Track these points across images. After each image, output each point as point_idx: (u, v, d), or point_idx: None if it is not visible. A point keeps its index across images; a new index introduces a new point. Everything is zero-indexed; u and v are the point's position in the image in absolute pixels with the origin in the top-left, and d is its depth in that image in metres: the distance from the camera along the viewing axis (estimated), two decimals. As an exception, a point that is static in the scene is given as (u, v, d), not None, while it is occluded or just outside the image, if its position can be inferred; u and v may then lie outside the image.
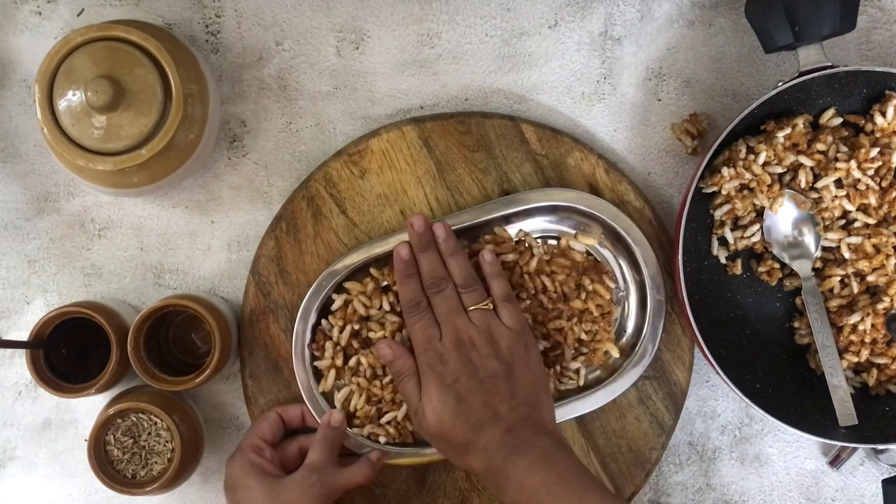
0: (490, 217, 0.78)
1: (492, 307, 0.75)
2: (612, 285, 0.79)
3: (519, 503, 0.66)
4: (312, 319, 0.78)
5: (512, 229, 0.79)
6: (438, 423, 0.71)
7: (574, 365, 0.79)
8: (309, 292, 0.78)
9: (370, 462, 0.76)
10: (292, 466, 0.75)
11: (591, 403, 0.79)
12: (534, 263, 0.78)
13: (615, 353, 0.79)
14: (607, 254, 0.80)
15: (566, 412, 0.79)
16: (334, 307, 0.78)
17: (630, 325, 0.80)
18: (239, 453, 0.75)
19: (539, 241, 0.79)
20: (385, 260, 0.78)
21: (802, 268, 0.78)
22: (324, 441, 0.75)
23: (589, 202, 0.78)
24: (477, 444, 0.69)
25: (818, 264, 0.79)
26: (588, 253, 0.80)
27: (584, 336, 0.78)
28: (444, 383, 0.71)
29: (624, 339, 0.80)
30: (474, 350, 0.72)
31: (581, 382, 0.80)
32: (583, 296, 0.78)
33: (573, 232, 0.79)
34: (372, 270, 0.78)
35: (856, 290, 0.78)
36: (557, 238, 0.79)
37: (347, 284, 0.78)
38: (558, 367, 0.79)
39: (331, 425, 0.76)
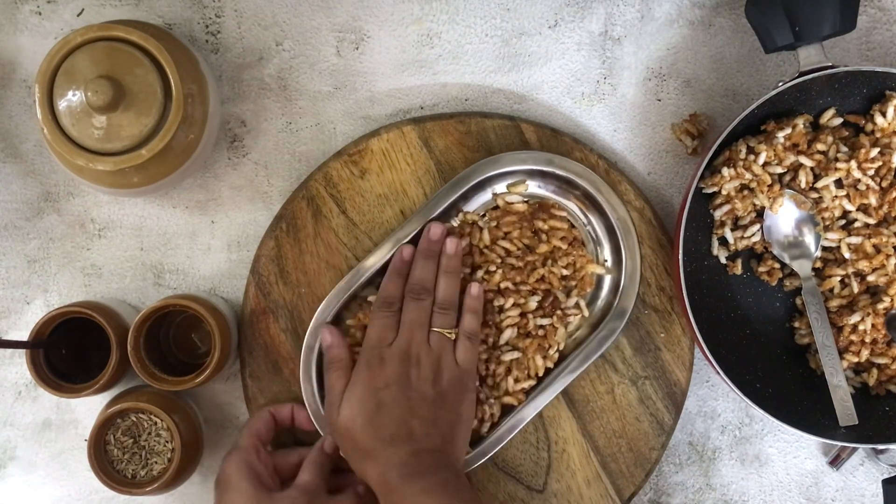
0: (445, 205, 0.78)
1: (453, 337, 0.75)
2: (563, 213, 0.79)
3: None
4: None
5: (471, 206, 0.80)
6: (350, 422, 0.71)
7: (570, 301, 0.79)
8: (316, 314, 0.78)
9: (357, 495, 0.75)
10: (286, 475, 0.75)
11: (589, 354, 0.78)
12: (486, 235, 0.78)
13: (601, 271, 0.80)
14: (558, 198, 0.80)
15: (579, 363, 0.78)
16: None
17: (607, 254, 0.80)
18: (237, 452, 0.74)
19: (479, 214, 0.79)
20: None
21: (802, 268, 0.78)
22: (316, 464, 0.75)
23: (523, 159, 0.78)
24: (379, 456, 0.69)
25: (818, 264, 0.79)
26: (527, 201, 0.79)
27: (565, 272, 0.79)
28: (373, 385, 0.72)
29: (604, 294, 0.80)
30: (416, 368, 0.73)
31: (586, 313, 0.79)
32: (543, 238, 0.79)
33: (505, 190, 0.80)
34: (371, 299, 0.78)
35: (856, 290, 0.78)
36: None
37: (348, 321, 0.79)
38: (559, 312, 0.78)
39: (324, 450, 0.76)
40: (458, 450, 0.73)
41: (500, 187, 0.79)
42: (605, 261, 0.80)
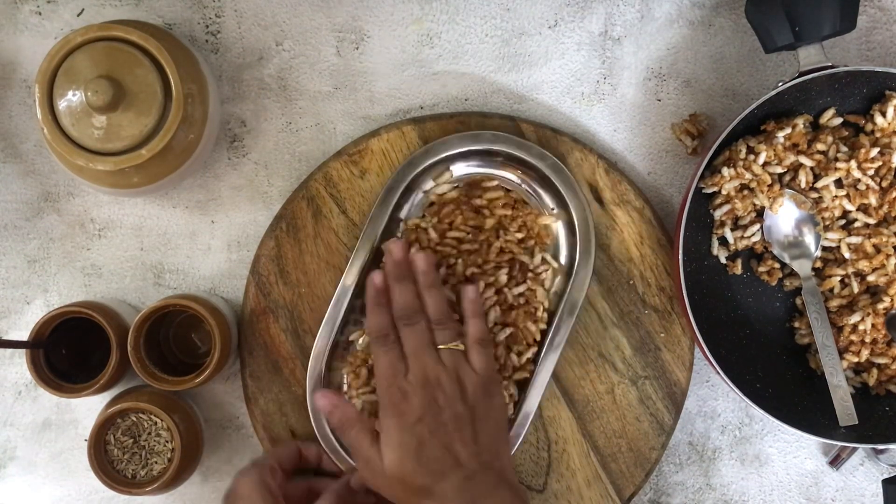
0: (384, 223, 0.78)
1: (462, 348, 0.73)
2: (494, 182, 0.79)
3: None
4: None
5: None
6: (398, 466, 0.68)
7: (536, 259, 0.79)
8: (308, 376, 0.78)
9: None
10: (294, 503, 0.74)
11: (575, 301, 0.78)
12: (432, 233, 0.78)
13: (551, 219, 0.79)
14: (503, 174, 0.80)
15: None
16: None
17: (563, 247, 0.80)
18: (254, 469, 0.73)
19: (419, 216, 0.79)
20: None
21: (802, 268, 0.78)
22: (337, 496, 0.73)
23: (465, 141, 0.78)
24: (434, 490, 0.67)
25: (818, 264, 0.79)
26: (457, 185, 0.80)
27: (519, 235, 0.79)
28: (406, 423, 0.69)
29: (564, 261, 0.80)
30: (440, 390, 0.70)
31: (555, 265, 0.79)
32: (486, 213, 0.79)
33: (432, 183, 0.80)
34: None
35: (856, 290, 0.78)
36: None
37: (344, 370, 0.79)
38: (531, 274, 0.79)
39: (350, 485, 0.74)
40: (505, 460, 0.71)
41: (428, 184, 0.79)
42: (552, 209, 0.80)
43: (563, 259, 0.80)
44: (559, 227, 0.80)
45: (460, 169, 0.80)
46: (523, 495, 0.69)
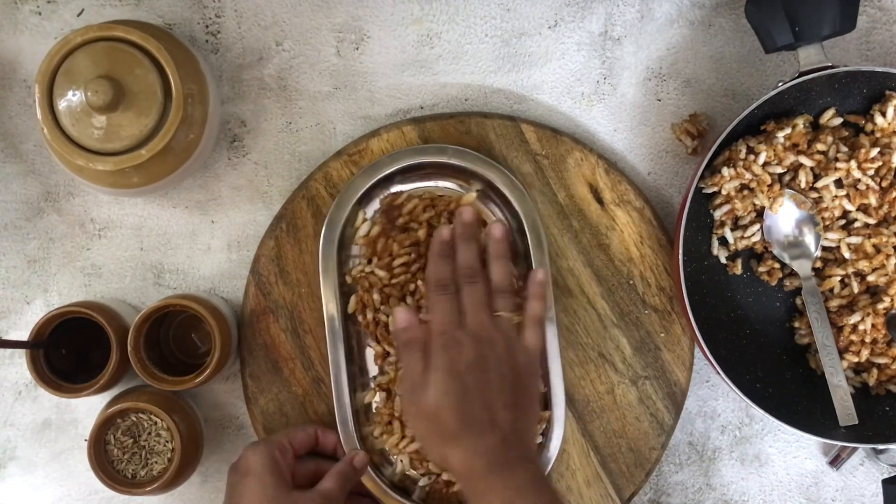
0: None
1: (518, 320, 0.73)
2: (402, 196, 0.79)
3: None
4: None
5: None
6: (437, 404, 0.69)
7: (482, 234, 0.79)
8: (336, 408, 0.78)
9: None
10: (301, 481, 0.74)
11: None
12: (380, 272, 0.78)
13: (473, 195, 0.79)
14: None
15: None
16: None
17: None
18: (265, 444, 0.73)
19: (360, 262, 0.79)
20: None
21: (802, 268, 0.78)
22: (342, 475, 0.74)
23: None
24: (466, 441, 0.68)
25: (818, 264, 0.79)
26: (374, 221, 0.79)
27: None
28: (455, 369, 0.69)
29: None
30: (492, 349, 0.70)
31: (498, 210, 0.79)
32: (413, 226, 0.78)
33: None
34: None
35: (856, 290, 0.78)
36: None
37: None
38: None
39: (354, 464, 0.75)
40: (533, 437, 0.72)
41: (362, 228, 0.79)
42: (472, 186, 0.79)
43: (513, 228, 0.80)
44: (513, 232, 0.80)
45: (368, 213, 0.79)
46: (545, 476, 0.69)
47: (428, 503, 0.79)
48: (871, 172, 0.76)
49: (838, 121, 0.77)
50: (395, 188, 0.79)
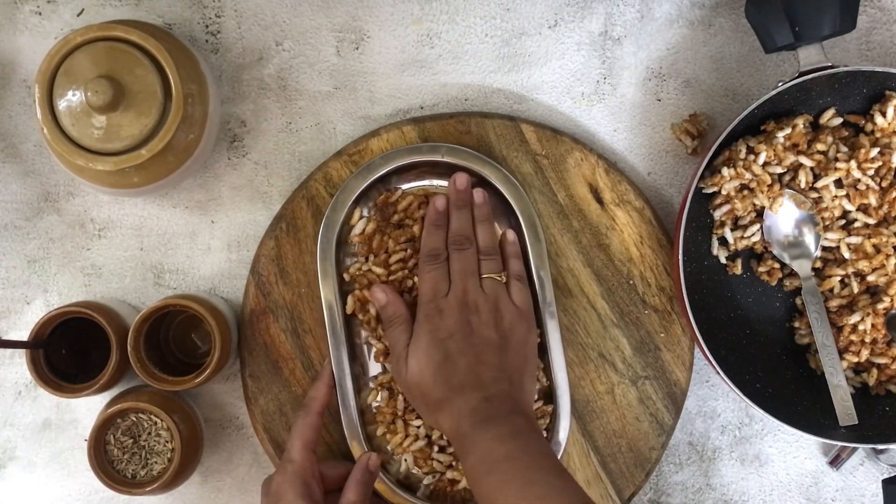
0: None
1: (504, 280, 0.75)
2: (398, 192, 0.79)
3: (480, 471, 0.65)
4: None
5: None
6: (419, 375, 0.71)
7: None
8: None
9: None
10: (330, 486, 0.75)
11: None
12: (378, 269, 0.78)
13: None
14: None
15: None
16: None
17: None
18: (292, 467, 0.72)
19: (357, 260, 0.79)
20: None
21: (802, 268, 0.78)
22: (361, 483, 0.74)
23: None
24: (452, 405, 0.69)
25: (818, 264, 0.79)
26: (369, 218, 0.79)
27: None
28: (437, 337, 0.72)
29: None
30: (476, 314, 0.73)
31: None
32: (408, 222, 0.79)
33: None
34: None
35: (856, 290, 0.78)
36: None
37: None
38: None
39: (368, 468, 0.76)
40: (527, 394, 0.73)
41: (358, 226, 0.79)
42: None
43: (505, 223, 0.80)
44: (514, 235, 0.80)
45: (363, 212, 0.79)
46: (536, 425, 0.69)
47: (433, 501, 0.79)
48: (871, 172, 0.76)
49: (838, 121, 0.77)
50: (391, 188, 0.80)
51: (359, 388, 0.79)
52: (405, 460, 0.78)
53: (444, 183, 0.80)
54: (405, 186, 0.80)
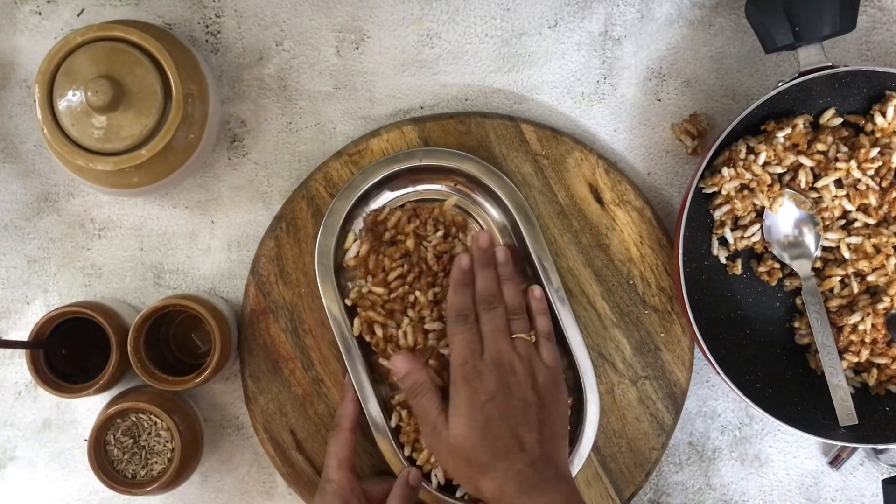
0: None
1: (534, 340, 0.75)
2: (385, 209, 0.79)
3: None
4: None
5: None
6: (463, 438, 0.70)
7: (468, 236, 0.79)
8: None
9: None
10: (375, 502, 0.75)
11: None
12: (378, 290, 0.77)
13: (454, 199, 0.79)
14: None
15: None
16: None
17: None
18: (330, 487, 0.73)
19: (356, 283, 0.79)
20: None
21: (802, 268, 0.78)
22: (402, 499, 0.74)
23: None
24: (496, 470, 0.68)
25: (818, 264, 0.79)
26: (363, 241, 0.79)
27: (439, 233, 0.78)
28: (478, 400, 0.70)
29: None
30: (513, 375, 0.72)
31: (487, 216, 0.80)
32: (400, 238, 0.78)
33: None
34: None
35: (856, 290, 0.78)
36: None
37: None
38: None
39: (409, 483, 0.75)
40: (565, 454, 0.73)
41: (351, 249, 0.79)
42: (453, 186, 0.80)
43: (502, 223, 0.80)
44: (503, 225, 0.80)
45: (388, 196, 0.80)
46: (578, 491, 0.69)
47: None
48: (871, 172, 0.76)
49: (838, 121, 0.77)
50: (383, 197, 0.80)
51: (389, 410, 0.79)
52: (435, 476, 0.78)
53: (428, 187, 0.80)
54: (393, 195, 0.80)
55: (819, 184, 0.77)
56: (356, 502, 0.73)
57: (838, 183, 0.77)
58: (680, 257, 0.74)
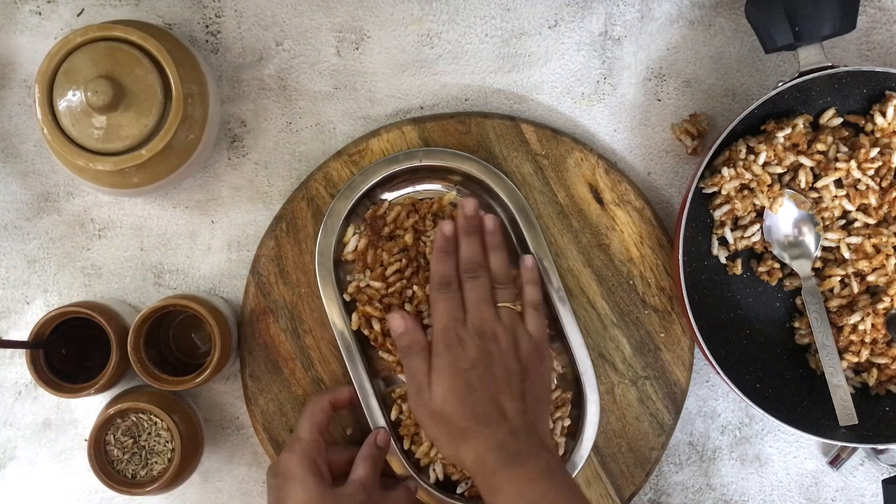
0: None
1: (520, 309, 0.74)
2: (384, 203, 0.79)
3: None
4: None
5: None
6: (443, 403, 0.70)
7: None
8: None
9: (409, 491, 0.76)
10: (337, 471, 0.74)
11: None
12: (376, 284, 0.78)
13: (454, 193, 0.79)
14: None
15: None
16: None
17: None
18: (300, 444, 0.73)
19: (354, 277, 0.79)
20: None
21: (802, 268, 0.78)
22: (370, 459, 0.74)
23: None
24: (476, 437, 0.68)
25: (818, 264, 0.79)
26: (361, 235, 0.79)
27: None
28: (459, 367, 0.70)
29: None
30: (495, 343, 0.72)
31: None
32: (399, 233, 0.78)
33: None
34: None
35: (856, 290, 0.78)
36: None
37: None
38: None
39: (377, 444, 0.76)
40: (546, 424, 0.73)
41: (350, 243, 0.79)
42: (452, 186, 0.80)
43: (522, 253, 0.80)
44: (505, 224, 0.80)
45: (388, 197, 0.80)
46: (559, 460, 0.69)
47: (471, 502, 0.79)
48: (871, 172, 0.76)
49: (838, 121, 0.77)
50: (383, 197, 0.80)
51: (388, 405, 0.79)
52: (433, 470, 0.78)
53: (428, 187, 0.80)
54: (392, 196, 0.80)
55: (819, 184, 0.77)
56: (323, 467, 0.72)
57: (838, 183, 0.77)
58: (680, 257, 0.74)
